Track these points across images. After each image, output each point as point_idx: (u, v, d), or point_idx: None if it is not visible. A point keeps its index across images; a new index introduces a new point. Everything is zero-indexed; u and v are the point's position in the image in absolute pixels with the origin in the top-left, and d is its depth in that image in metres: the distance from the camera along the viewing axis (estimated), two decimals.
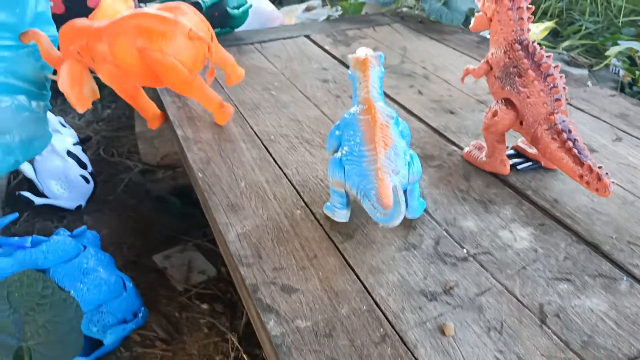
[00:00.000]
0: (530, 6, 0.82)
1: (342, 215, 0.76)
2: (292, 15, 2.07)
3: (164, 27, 0.89)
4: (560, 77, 0.79)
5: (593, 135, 0.97)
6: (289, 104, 1.12)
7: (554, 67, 0.79)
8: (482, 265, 0.69)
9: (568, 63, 1.44)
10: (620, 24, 1.62)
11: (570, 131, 0.76)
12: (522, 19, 0.81)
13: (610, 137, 0.97)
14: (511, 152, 0.90)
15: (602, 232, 0.74)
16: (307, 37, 1.51)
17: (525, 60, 0.79)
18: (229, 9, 1.41)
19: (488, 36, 1.59)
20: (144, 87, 1.06)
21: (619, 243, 0.72)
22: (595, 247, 0.71)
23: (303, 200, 0.82)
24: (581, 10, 1.69)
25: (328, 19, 1.69)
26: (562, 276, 0.67)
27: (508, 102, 0.81)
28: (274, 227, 0.77)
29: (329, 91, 1.18)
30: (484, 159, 0.87)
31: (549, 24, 1.62)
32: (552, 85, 0.78)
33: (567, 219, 0.76)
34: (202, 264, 1.10)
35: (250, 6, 1.48)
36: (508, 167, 0.85)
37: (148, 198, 1.28)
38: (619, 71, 1.53)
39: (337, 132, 0.76)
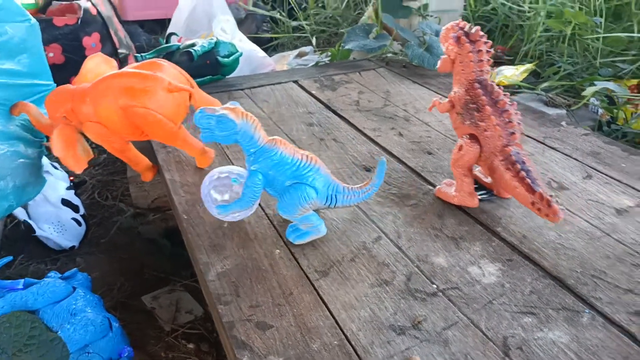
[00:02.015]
0: (489, 50, 0.88)
1: (324, 228, 0.84)
2: (284, 61, 2.15)
3: (144, 84, 0.94)
4: (516, 113, 0.85)
5: (564, 173, 1.01)
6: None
7: (510, 105, 0.85)
8: (450, 300, 0.71)
9: (546, 103, 1.49)
10: (598, 65, 1.68)
11: (523, 162, 0.81)
12: (481, 60, 0.88)
13: (581, 174, 1.01)
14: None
15: (567, 267, 0.77)
16: (296, 82, 1.57)
17: (483, 97, 0.85)
18: (219, 58, 1.48)
19: None
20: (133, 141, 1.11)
21: (583, 277, 0.74)
22: (560, 281, 0.74)
23: (282, 240, 0.85)
24: (561, 52, 1.76)
25: (317, 64, 1.76)
26: (527, 310, 0.69)
27: (472, 137, 0.87)
28: (253, 266, 0.80)
29: (314, 134, 1.23)
30: (454, 193, 0.91)
31: (529, 66, 1.68)
32: (507, 120, 0.84)
33: (534, 254, 0.79)
34: (190, 304, 1.12)
35: (241, 54, 1.55)
36: (476, 200, 0.90)
37: (139, 240, 1.31)
38: (597, 110, 1.58)
39: (260, 178, 0.80)
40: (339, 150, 1.14)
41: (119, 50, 1.90)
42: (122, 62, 1.89)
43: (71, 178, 1.55)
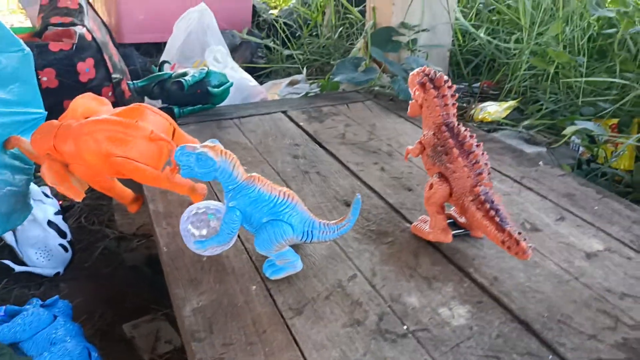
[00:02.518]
0: (454, 94, 0.92)
1: (300, 263, 0.86)
2: (276, 89, 2.18)
3: (125, 133, 0.96)
4: (483, 154, 0.89)
5: (538, 215, 1.04)
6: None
7: (477, 146, 0.89)
8: (419, 342, 0.73)
9: (527, 141, 1.53)
10: (580, 104, 1.73)
11: (492, 201, 0.84)
12: (447, 104, 0.91)
13: (554, 216, 1.04)
14: (450, 220, 0.97)
15: (535, 311, 0.79)
16: (284, 112, 1.61)
17: (450, 140, 0.89)
18: (210, 88, 1.51)
19: None
20: None
21: (550, 322, 0.76)
22: (526, 325, 0.76)
23: (260, 275, 0.87)
24: (544, 90, 1.80)
25: (306, 95, 1.79)
26: (493, 354, 0.71)
27: (442, 176, 0.90)
28: (228, 302, 0.81)
29: (298, 167, 1.25)
30: (428, 230, 0.94)
31: (512, 103, 1.72)
32: (474, 161, 0.87)
33: (504, 297, 0.81)
34: (169, 333, 1.13)
35: (231, 84, 1.59)
36: (450, 236, 0.92)
37: (122, 267, 1.32)
38: (578, 148, 1.62)
39: (237, 214, 0.81)
40: (322, 184, 1.17)
41: (113, 75, 1.93)
42: (115, 87, 1.92)
43: (60, 202, 1.56)
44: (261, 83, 2.21)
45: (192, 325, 0.77)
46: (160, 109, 1.64)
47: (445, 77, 0.94)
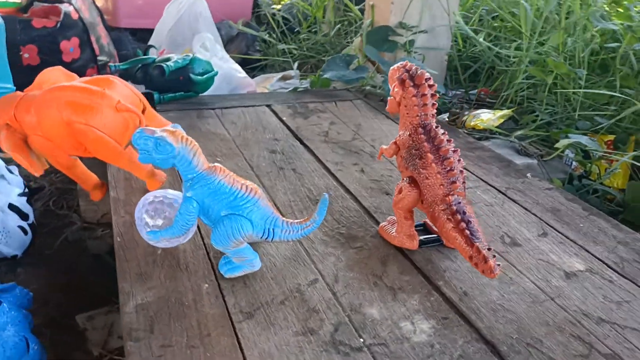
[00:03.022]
0: (434, 94, 0.86)
1: (259, 262, 0.81)
2: (268, 82, 2.13)
3: (91, 99, 0.91)
4: (459, 160, 0.83)
5: (520, 229, 0.98)
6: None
7: (453, 152, 0.83)
8: (374, 357, 0.67)
9: (518, 152, 1.47)
10: (577, 117, 1.67)
11: (464, 212, 0.78)
12: (425, 104, 0.85)
13: (537, 231, 0.98)
14: (422, 227, 0.92)
15: (503, 331, 0.73)
16: (269, 106, 1.55)
17: (425, 144, 0.83)
18: (192, 75, 1.45)
19: (438, 117, 1.63)
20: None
21: (518, 344, 0.71)
22: (492, 347, 0.70)
23: (215, 274, 0.81)
24: (542, 101, 1.75)
25: (295, 90, 1.73)
26: None
27: (412, 181, 0.85)
28: (176, 300, 0.75)
29: (274, 162, 1.19)
30: (394, 233, 0.88)
31: (507, 112, 1.66)
32: (449, 168, 0.81)
33: (471, 315, 0.75)
34: None
35: (216, 73, 1.53)
36: (416, 243, 0.87)
37: (86, 255, 1.26)
38: (571, 162, 1.56)
39: (194, 205, 0.76)
40: (296, 182, 1.11)
41: (99, 57, 1.87)
42: (100, 69, 1.86)
43: (30, 183, 1.51)
44: (254, 76, 2.16)
45: (132, 323, 0.71)
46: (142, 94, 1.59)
47: (427, 75, 0.88)
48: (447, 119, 1.67)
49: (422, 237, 0.89)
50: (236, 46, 2.59)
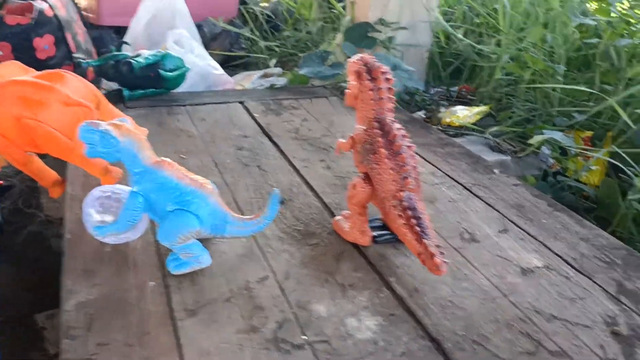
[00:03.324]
0: (391, 87, 0.85)
1: (208, 258, 0.79)
2: (249, 80, 2.11)
3: (39, 94, 0.89)
4: (412, 156, 0.82)
5: (481, 225, 0.97)
6: (193, 169, 1.11)
7: (408, 147, 0.82)
8: (315, 355, 0.66)
9: (492, 148, 1.46)
10: (555, 113, 1.65)
11: (415, 209, 0.77)
12: (381, 98, 0.84)
13: (497, 227, 0.96)
14: (378, 223, 0.90)
15: (450, 328, 0.71)
16: (242, 103, 1.53)
17: (379, 139, 0.82)
18: (162, 71, 1.44)
19: (411, 114, 1.62)
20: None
21: (464, 341, 0.69)
22: (437, 344, 0.69)
23: (163, 271, 0.80)
24: (519, 97, 1.73)
25: (271, 87, 1.72)
26: None
27: (367, 177, 0.84)
28: (119, 297, 0.74)
29: (239, 159, 1.18)
30: (347, 228, 0.87)
31: (484, 108, 1.65)
32: (401, 164, 0.80)
33: (419, 311, 0.74)
34: None
35: (188, 69, 1.51)
36: (367, 239, 0.86)
37: (50, 253, 1.25)
38: (547, 159, 1.54)
39: (140, 200, 0.75)
40: (259, 179, 1.10)
41: (75, 55, 1.86)
42: (76, 66, 1.85)
43: (1, 182, 1.49)
44: (233, 74, 2.14)
45: (71, 321, 0.69)
46: (112, 91, 1.58)
47: (385, 69, 0.87)
48: (423, 116, 1.66)
49: (375, 233, 0.88)
50: (219, 44, 2.57)
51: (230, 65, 2.57)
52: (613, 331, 0.72)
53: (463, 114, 1.59)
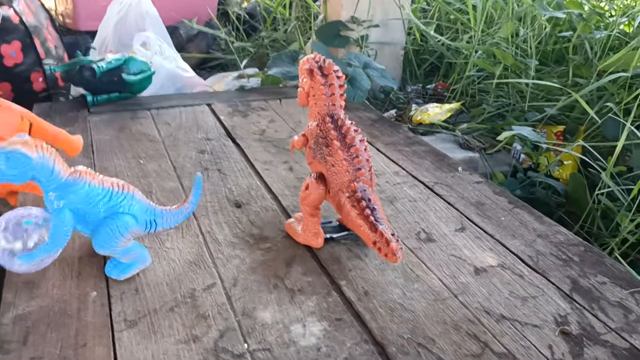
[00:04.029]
0: (342, 84, 0.86)
1: (149, 255, 0.80)
2: (224, 81, 2.09)
3: None
4: (365, 149, 0.83)
5: (438, 224, 0.95)
6: (151, 173, 1.10)
7: (360, 141, 0.83)
8: None
9: (461, 146, 1.44)
10: (526, 108, 1.64)
11: (369, 200, 0.77)
12: (333, 94, 0.85)
13: (455, 226, 0.95)
14: (334, 224, 0.91)
15: (396, 332, 0.70)
16: (209, 105, 1.52)
17: (332, 132, 0.82)
18: (124, 75, 1.42)
19: (384, 114, 1.61)
20: None
21: (409, 345, 0.68)
22: (381, 348, 0.67)
23: (107, 282, 0.78)
24: (494, 93, 1.72)
25: (241, 89, 1.70)
26: None
27: (319, 177, 0.84)
28: (59, 309, 0.72)
29: (200, 162, 1.16)
30: (299, 231, 0.87)
31: (455, 105, 1.64)
32: (354, 155, 0.81)
33: (366, 314, 0.73)
34: None
35: (153, 73, 1.49)
36: (320, 240, 0.86)
37: None
38: (519, 155, 1.53)
39: (68, 215, 0.72)
40: (218, 183, 1.08)
41: (44, 61, 1.83)
42: (46, 72, 1.82)
43: None
44: (210, 75, 2.12)
45: (7, 334, 0.67)
46: (77, 97, 1.56)
47: (336, 67, 0.87)
48: (394, 114, 1.64)
49: (328, 235, 0.87)
50: (196, 45, 2.55)
51: (208, 66, 2.55)
52: (562, 330, 0.71)
53: (434, 112, 1.57)
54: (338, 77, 0.86)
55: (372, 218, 0.75)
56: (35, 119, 0.94)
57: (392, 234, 0.73)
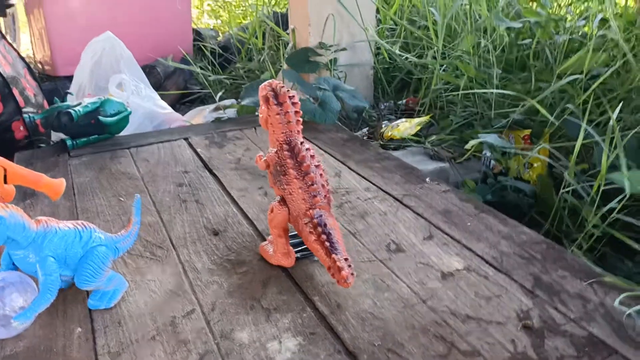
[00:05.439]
0: (298, 111, 0.89)
1: (124, 279, 0.86)
2: (202, 114, 2.14)
3: None
4: (321, 175, 0.87)
5: (408, 234, 1.00)
6: (131, 210, 1.14)
7: (316, 167, 0.86)
8: None
9: (431, 157, 1.50)
10: (492, 116, 1.70)
11: (325, 225, 0.81)
12: (289, 122, 0.88)
13: (423, 235, 0.99)
14: (299, 238, 0.93)
15: (367, 340, 0.74)
16: (186, 139, 1.56)
17: (288, 160, 0.86)
18: (101, 117, 1.47)
19: (356, 133, 1.66)
20: None
21: (379, 351, 0.72)
22: (354, 357, 0.71)
23: (90, 317, 0.81)
24: (462, 104, 1.78)
25: (217, 120, 1.75)
26: None
27: (283, 200, 0.88)
28: (45, 347, 0.75)
29: (179, 195, 1.20)
30: (271, 252, 0.91)
31: (424, 119, 1.69)
32: (310, 183, 0.84)
33: (339, 326, 0.76)
34: None
35: (129, 113, 1.54)
36: (291, 260, 0.90)
37: None
38: (489, 162, 1.59)
39: (54, 261, 0.76)
40: (196, 213, 1.12)
41: (24, 110, 1.88)
42: (24, 121, 1.87)
43: None
44: (189, 110, 2.18)
45: None
46: (56, 142, 1.60)
47: (292, 93, 0.91)
48: (366, 133, 1.70)
49: (299, 254, 0.91)
50: (174, 82, 2.61)
51: (187, 101, 2.61)
52: (524, 325, 0.75)
53: (404, 127, 1.63)
54: (293, 104, 0.89)
55: (327, 244, 0.79)
56: (10, 165, 0.98)
57: (346, 259, 0.77)
